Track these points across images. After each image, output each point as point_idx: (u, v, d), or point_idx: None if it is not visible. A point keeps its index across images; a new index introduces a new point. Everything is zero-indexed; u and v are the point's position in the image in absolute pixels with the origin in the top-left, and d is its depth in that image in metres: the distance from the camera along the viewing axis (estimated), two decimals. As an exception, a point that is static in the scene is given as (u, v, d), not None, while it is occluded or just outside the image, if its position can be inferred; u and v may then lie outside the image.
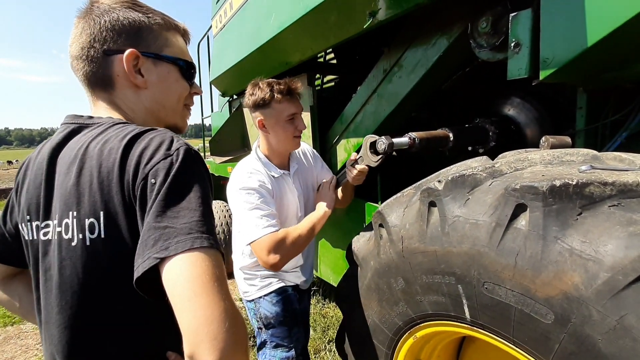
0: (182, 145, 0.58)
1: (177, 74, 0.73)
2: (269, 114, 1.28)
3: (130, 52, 0.66)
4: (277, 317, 1.39)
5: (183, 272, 0.48)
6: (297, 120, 1.31)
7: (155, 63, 0.70)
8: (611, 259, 0.59)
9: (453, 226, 0.85)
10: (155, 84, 0.70)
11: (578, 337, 0.63)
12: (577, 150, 0.84)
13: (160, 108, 0.73)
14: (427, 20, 1.29)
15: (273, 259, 1.14)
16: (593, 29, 0.81)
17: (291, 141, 1.33)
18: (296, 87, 1.29)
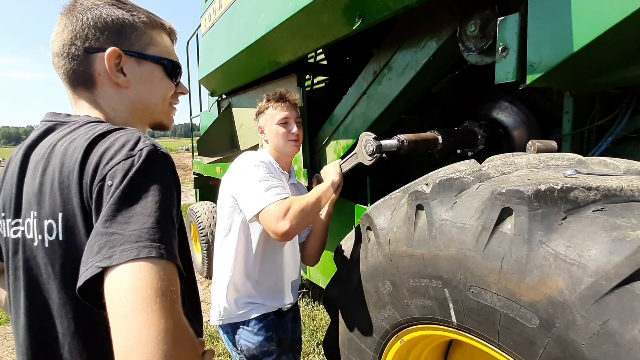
0: (148, 145, 0.55)
1: (161, 73, 0.71)
2: (264, 119, 1.36)
3: (111, 50, 0.64)
4: (262, 347, 1.24)
5: (123, 284, 0.44)
6: (290, 124, 1.34)
7: (139, 62, 0.68)
8: (595, 263, 0.59)
9: (440, 230, 0.85)
10: (139, 84, 0.68)
11: (562, 341, 0.63)
12: (563, 154, 0.84)
13: (144, 107, 0.71)
14: (416, 22, 1.29)
15: (283, 226, 1.05)
16: (579, 35, 0.81)
17: (286, 144, 1.33)
18: (289, 95, 1.35)
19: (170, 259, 0.48)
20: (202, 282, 3.77)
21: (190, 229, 4.09)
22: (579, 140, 1.24)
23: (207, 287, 3.66)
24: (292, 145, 1.34)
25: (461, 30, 1.10)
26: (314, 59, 2.37)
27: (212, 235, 3.51)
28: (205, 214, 3.59)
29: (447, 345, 1.22)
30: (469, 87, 1.64)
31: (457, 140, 1.36)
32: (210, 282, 3.76)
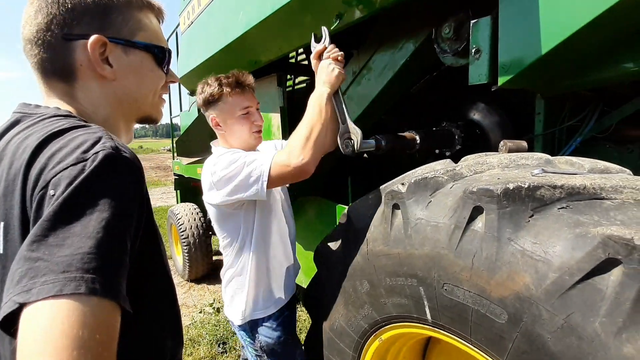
0: (107, 148, 0.46)
1: (151, 62, 0.64)
2: (221, 109, 1.18)
3: (95, 38, 0.56)
4: (280, 341, 1.27)
5: (35, 328, 0.35)
6: (253, 114, 1.20)
7: (126, 51, 0.60)
8: (559, 259, 0.61)
9: (415, 229, 0.86)
10: (126, 75, 0.61)
11: (529, 336, 0.64)
12: (532, 154, 0.87)
13: (132, 101, 0.64)
14: (394, 24, 1.30)
15: (299, 157, 0.95)
16: (547, 38, 0.84)
17: (250, 136, 1.20)
18: (245, 79, 1.19)
19: (107, 296, 0.38)
20: (184, 285, 3.70)
21: (171, 232, 4.01)
22: (550, 141, 1.28)
23: (189, 290, 3.59)
24: (256, 138, 1.22)
25: (436, 32, 1.12)
26: (295, 58, 2.37)
27: (194, 237, 3.45)
28: (186, 216, 3.52)
29: (425, 342, 1.24)
30: (448, 88, 1.67)
31: (435, 141, 1.38)
32: (192, 285, 3.69)
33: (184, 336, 2.68)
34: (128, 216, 0.45)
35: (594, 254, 0.57)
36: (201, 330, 2.74)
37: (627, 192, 0.65)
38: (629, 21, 0.82)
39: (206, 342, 2.58)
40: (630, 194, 0.65)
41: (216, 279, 3.61)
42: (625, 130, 1.28)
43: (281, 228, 1.32)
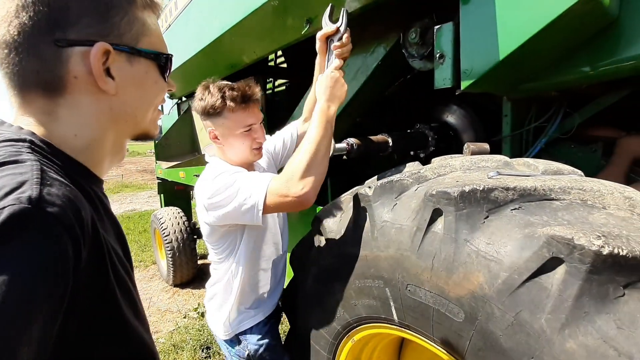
0: (20, 202, 0.34)
1: (156, 72, 0.55)
2: (221, 124, 1.08)
3: (100, 46, 0.47)
4: (268, 348, 1.25)
5: None
6: (255, 131, 1.11)
7: (131, 60, 0.51)
8: (509, 259, 0.63)
9: (381, 231, 0.88)
10: (128, 88, 0.52)
11: (484, 333, 0.66)
12: (492, 156, 0.89)
13: (130, 118, 0.55)
14: (365, 28, 1.32)
15: (298, 188, 0.89)
16: (504, 44, 0.87)
17: (250, 153, 1.13)
18: (253, 93, 1.09)
19: None
20: (168, 291, 3.65)
21: (155, 236, 3.96)
22: (518, 142, 1.32)
23: (174, 295, 3.55)
24: (255, 154, 1.16)
25: (404, 37, 1.14)
26: (274, 61, 2.37)
27: (177, 242, 3.41)
28: (169, 220, 3.48)
29: (400, 342, 1.26)
30: (422, 90, 1.70)
31: (409, 143, 1.41)
32: (176, 290, 3.65)
33: (168, 342, 2.66)
34: (30, 303, 0.33)
35: (540, 254, 0.60)
36: (185, 336, 2.71)
37: (575, 192, 0.68)
38: (580, 27, 0.85)
39: (190, 347, 2.55)
40: (577, 195, 0.68)
41: (201, 283, 3.58)
42: (588, 130, 1.32)
43: (276, 241, 1.29)
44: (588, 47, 0.93)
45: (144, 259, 4.66)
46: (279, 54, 2.34)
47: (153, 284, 3.89)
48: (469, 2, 0.91)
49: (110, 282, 0.46)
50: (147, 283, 3.93)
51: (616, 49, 0.89)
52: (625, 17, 0.87)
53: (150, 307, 3.35)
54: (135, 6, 0.52)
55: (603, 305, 0.54)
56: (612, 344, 0.53)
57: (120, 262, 0.51)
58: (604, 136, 1.27)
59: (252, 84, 1.12)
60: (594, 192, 0.68)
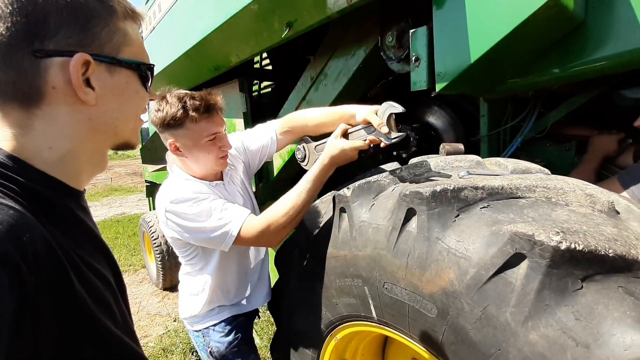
0: None
1: (137, 82, 0.55)
2: (184, 136, 1.03)
3: (79, 57, 0.46)
4: (232, 347, 1.24)
5: None
6: (220, 139, 1.07)
7: (111, 70, 0.51)
8: (477, 255, 0.66)
9: (359, 231, 0.89)
10: (109, 99, 0.52)
11: (455, 328, 0.69)
12: (465, 156, 0.92)
13: (110, 128, 0.54)
14: (346, 31, 1.34)
15: (270, 239, 0.97)
16: (475, 47, 0.90)
17: (216, 162, 1.09)
18: (216, 102, 1.06)
19: None
20: (158, 294, 3.63)
21: (144, 240, 3.92)
22: (496, 141, 1.35)
23: (163, 299, 3.53)
24: (221, 164, 1.12)
25: (382, 40, 1.16)
26: (260, 63, 2.38)
27: (167, 245, 3.39)
28: (158, 224, 3.45)
29: (383, 339, 1.28)
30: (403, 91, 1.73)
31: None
32: (166, 294, 3.62)
33: (157, 346, 2.64)
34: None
35: (504, 250, 0.62)
36: (175, 339, 2.70)
37: (540, 190, 0.71)
38: (547, 31, 0.88)
39: (179, 350, 2.54)
40: (542, 193, 0.71)
41: (192, 286, 3.56)
42: (563, 129, 1.37)
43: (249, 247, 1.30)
44: (557, 50, 0.96)
45: (134, 262, 4.62)
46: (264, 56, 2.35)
47: (143, 288, 3.86)
48: (441, 7, 0.94)
49: (79, 297, 0.45)
50: (136, 287, 3.90)
51: (584, 51, 0.93)
52: (591, 20, 0.91)
53: (140, 311, 3.33)
54: (117, 16, 0.51)
55: (562, 297, 0.57)
56: (570, 334, 0.55)
57: (95, 273, 0.50)
58: (577, 135, 1.32)
59: (214, 92, 1.09)
60: (558, 190, 0.71)
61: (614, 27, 0.87)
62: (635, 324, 0.52)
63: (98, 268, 0.52)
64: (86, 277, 0.48)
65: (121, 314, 0.55)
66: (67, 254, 0.45)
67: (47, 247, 0.42)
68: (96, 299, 0.48)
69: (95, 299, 0.48)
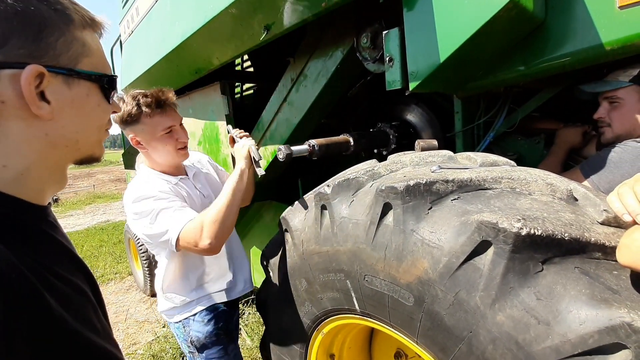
0: None
1: (98, 95, 0.53)
2: (141, 130, 1.15)
3: (32, 69, 0.44)
4: (211, 336, 1.29)
5: None
6: (176, 132, 1.19)
7: (69, 82, 0.49)
8: (448, 244, 0.70)
9: (340, 227, 0.93)
10: (67, 113, 0.49)
11: (431, 314, 0.73)
12: (438, 152, 0.96)
13: (70, 143, 0.52)
14: (324, 33, 1.37)
15: (204, 245, 1.02)
16: (443, 47, 0.94)
17: (175, 154, 1.21)
18: (167, 98, 1.16)
19: None
20: (146, 301, 3.58)
21: (130, 247, 3.86)
22: (470, 137, 1.41)
23: (152, 305, 3.48)
24: (182, 155, 1.23)
25: (357, 41, 1.20)
26: (241, 65, 2.39)
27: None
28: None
29: (369, 331, 1.32)
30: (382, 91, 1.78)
31: (370, 142, 1.47)
32: (154, 300, 3.58)
33: (147, 352, 2.62)
34: None
35: (472, 238, 0.66)
36: (164, 345, 2.68)
37: (505, 181, 0.76)
38: (510, 30, 0.93)
39: (169, 356, 2.53)
40: (507, 184, 0.76)
41: (180, 291, 3.53)
42: (533, 123, 1.44)
43: None
44: (521, 48, 1.02)
45: (120, 270, 4.54)
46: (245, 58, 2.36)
47: (130, 296, 3.80)
48: (411, 9, 0.98)
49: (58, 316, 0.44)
50: (123, 295, 3.84)
51: (545, 49, 0.98)
52: (551, 20, 0.96)
53: (128, 318, 3.28)
54: (74, 25, 0.49)
55: (525, 280, 0.62)
56: (533, 313, 0.60)
57: (73, 287, 0.50)
58: (546, 128, 1.39)
59: (166, 89, 1.19)
60: (522, 181, 0.76)
61: (572, 27, 0.93)
62: (590, 300, 0.57)
63: (76, 282, 0.51)
64: (64, 294, 0.47)
65: (101, 323, 0.54)
66: (38, 274, 0.43)
67: (14, 270, 0.40)
68: (76, 314, 0.47)
69: (75, 313, 0.47)
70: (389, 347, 1.24)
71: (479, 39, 0.90)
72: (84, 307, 0.51)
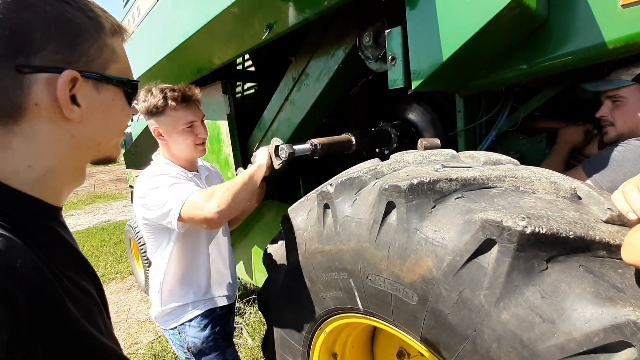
0: None
1: (123, 99, 0.55)
2: (164, 122, 1.20)
3: (68, 74, 0.45)
4: (208, 341, 1.28)
5: None
6: (197, 128, 1.24)
7: (98, 87, 0.51)
8: (452, 243, 0.70)
9: (343, 226, 0.93)
10: (94, 116, 0.51)
11: (434, 313, 0.73)
12: (441, 150, 0.96)
13: (94, 146, 0.54)
14: (326, 32, 1.37)
15: (210, 209, 1.00)
16: (446, 46, 0.94)
17: (193, 149, 1.25)
18: (193, 94, 1.22)
19: None
20: (147, 301, 3.58)
21: (130, 247, 3.86)
22: (472, 136, 1.41)
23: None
24: (199, 150, 1.27)
25: (360, 40, 1.20)
26: (242, 65, 2.39)
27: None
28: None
29: (371, 330, 1.32)
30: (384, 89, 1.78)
31: (372, 141, 1.47)
32: (155, 299, 3.58)
33: (148, 352, 2.62)
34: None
35: (477, 236, 0.66)
36: (166, 344, 2.68)
37: (509, 180, 0.76)
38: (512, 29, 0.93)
39: (171, 356, 2.53)
40: (511, 182, 0.76)
41: (181, 291, 3.53)
42: (535, 122, 1.43)
43: (214, 240, 1.37)
44: (524, 47, 1.02)
45: (121, 270, 4.54)
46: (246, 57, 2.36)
47: (131, 295, 3.80)
48: (414, 8, 0.98)
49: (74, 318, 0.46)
50: (124, 294, 3.84)
51: (548, 48, 0.98)
52: (554, 19, 0.96)
53: (129, 318, 3.28)
54: (105, 33, 0.51)
55: (530, 278, 0.61)
56: (537, 311, 0.60)
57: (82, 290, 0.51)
58: (548, 127, 1.39)
59: (192, 86, 1.24)
60: (525, 179, 0.76)
61: (575, 25, 0.93)
62: (594, 298, 0.57)
63: (84, 285, 0.52)
64: (76, 297, 0.48)
65: (105, 324, 0.56)
66: (57, 277, 0.45)
67: (38, 272, 0.41)
68: (86, 316, 0.49)
69: (86, 315, 0.49)
70: (392, 346, 1.24)
71: (481, 38, 0.90)
72: (92, 308, 0.53)
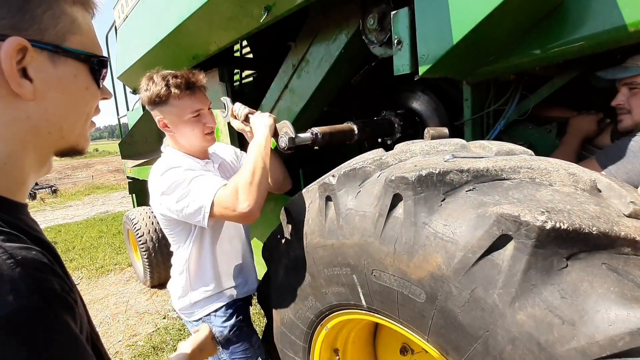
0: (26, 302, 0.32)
1: (87, 77, 0.49)
2: (169, 112, 1.11)
3: (13, 41, 0.40)
4: (235, 330, 1.27)
5: None
6: (204, 116, 1.15)
7: (54, 60, 0.44)
8: (464, 239, 0.65)
9: (346, 219, 0.88)
10: (51, 94, 0.45)
11: (444, 311, 0.69)
12: (450, 140, 0.91)
13: (54, 129, 0.47)
14: (326, 15, 1.30)
15: (243, 208, 0.97)
16: (457, 28, 0.88)
17: (202, 139, 1.16)
18: (197, 80, 1.13)
19: None
20: (146, 292, 3.57)
21: (129, 238, 3.83)
22: (479, 125, 1.35)
23: (152, 297, 3.47)
24: (208, 140, 1.19)
25: (363, 23, 1.13)
26: (240, 52, 2.31)
27: (152, 242, 3.32)
28: (143, 221, 3.37)
29: (374, 326, 1.29)
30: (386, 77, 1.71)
31: (374, 130, 1.42)
32: (154, 291, 3.57)
33: (147, 344, 2.61)
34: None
35: (491, 232, 0.62)
36: (165, 337, 2.67)
37: (524, 171, 0.71)
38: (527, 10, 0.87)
39: (170, 348, 2.52)
40: (526, 173, 0.71)
41: (180, 282, 3.52)
42: (544, 111, 1.38)
43: (235, 229, 1.34)
44: (537, 31, 0.96)
45: (119, 261, 4.52)
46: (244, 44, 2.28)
47: (130, 287, 3.79)
48: (423, -13, 0.92)
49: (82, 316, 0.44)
50: (123, 286, 3.83)
51: (563, 31, 0.92)
52: (570, 0, 0.90)
53: (128, 310, 3.27)
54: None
55: (548, 277, 0.57)
56: (556, 312, 0.56)
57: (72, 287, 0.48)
58: (558, 116, 1.33)
59: (196, 71, 1.15)
60: (542, 170, 0.71)
61: (593, 7, 0.87)
62: (619, 299, 0.53)
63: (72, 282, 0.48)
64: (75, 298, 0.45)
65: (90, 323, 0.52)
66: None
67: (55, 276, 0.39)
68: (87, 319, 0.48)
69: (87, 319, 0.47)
70: (395, 341, 1.22)
71: (494, 20, 0.84)
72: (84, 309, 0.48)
